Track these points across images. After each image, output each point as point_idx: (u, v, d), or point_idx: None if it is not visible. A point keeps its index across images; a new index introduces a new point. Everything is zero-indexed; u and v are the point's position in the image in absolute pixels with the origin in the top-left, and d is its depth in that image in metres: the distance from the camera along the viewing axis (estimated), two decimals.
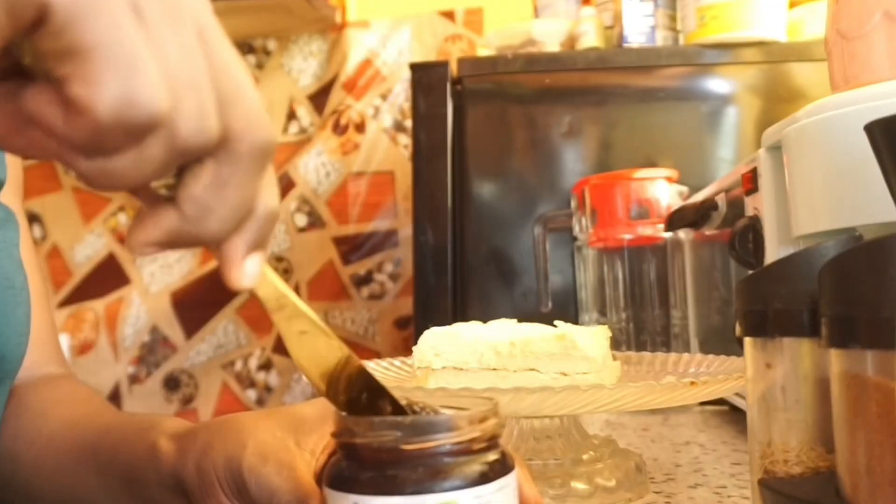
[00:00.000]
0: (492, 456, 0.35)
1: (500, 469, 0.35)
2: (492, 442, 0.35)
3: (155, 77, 0.26)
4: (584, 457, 0.59)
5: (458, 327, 0.64)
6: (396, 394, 0.38)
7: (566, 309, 1.27)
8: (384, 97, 1.93)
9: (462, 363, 0.61)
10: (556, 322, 0.63)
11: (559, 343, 0.59)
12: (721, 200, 0.83)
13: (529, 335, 0.61)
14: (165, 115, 0.27)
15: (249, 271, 0.33)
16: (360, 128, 1.93)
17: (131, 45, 0.26)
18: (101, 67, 0.25)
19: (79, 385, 0.65)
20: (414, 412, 0.37)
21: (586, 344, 0.59)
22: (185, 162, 0.29)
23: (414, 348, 0.64)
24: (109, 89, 0.25)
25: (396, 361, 0.73)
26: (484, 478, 0.34)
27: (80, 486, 0.54)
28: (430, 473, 0.33)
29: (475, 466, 0.34)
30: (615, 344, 1.05)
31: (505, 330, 0.64)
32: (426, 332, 0.64)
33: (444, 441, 0.34)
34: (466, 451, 0.34)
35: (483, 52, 1.73)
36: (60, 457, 0.56)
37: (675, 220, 0.90)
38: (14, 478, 0.58)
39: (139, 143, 0.27)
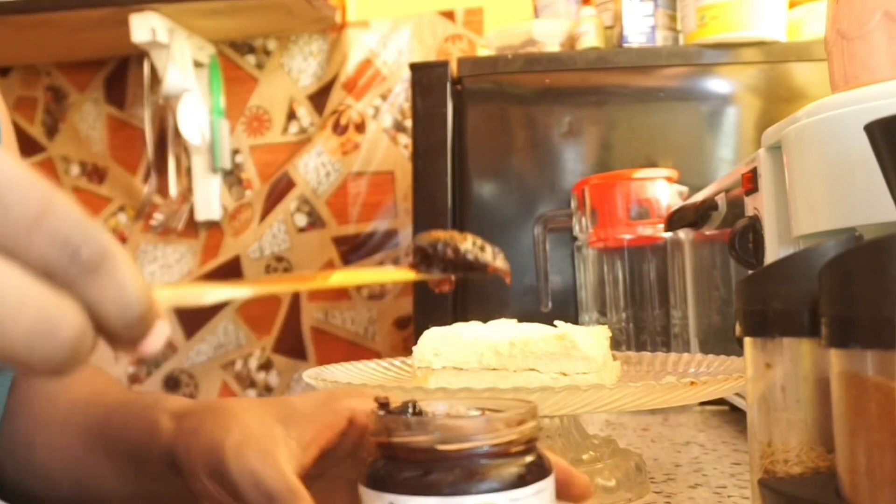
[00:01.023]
0: (529, 458, 0.35)
1: (537, 472, 0.35)
2: (529, 445, 0.35)
3: None
4: (584, 457, 0.59)
5: (458, 327, 0.64)
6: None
7: (566, 309, 1.27)
8: (384, 97, 1.93)
9: (462, 363, 0.61)
10: (556, 322, 0.63)
11: (559, 343, 0.59)
12: (721, 200, 0.83)
13: (529, 335, 0.61)
14: None
15: (151, 346, 0.28)
16: (360, 128, 1.93)
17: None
18: None
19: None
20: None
21: (586, 344, 0.59)
22: None
23: (414, 348, 0.64)
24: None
25: (396, 361, 0.73)
26: (521, 480, 0.34)
27: (91, 465, 0.55)
28: (466, 475, 0.33)
29: (512, 469, 0.34)
30: (615, 344, 1.05)
31: (505, 330, 0.64)
32: (426, 332, 0.64)
33: (481, 443, 0.34)
34: (504, 453, 0.34)
35: (483, 52, 1.72)
36: (72, 439, 0.56)
37: (675, 220, 0.90)
38: (30, 462, 0.59)
39: None
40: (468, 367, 0.61)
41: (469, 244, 0.37)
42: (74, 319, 0.24)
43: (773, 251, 0.64)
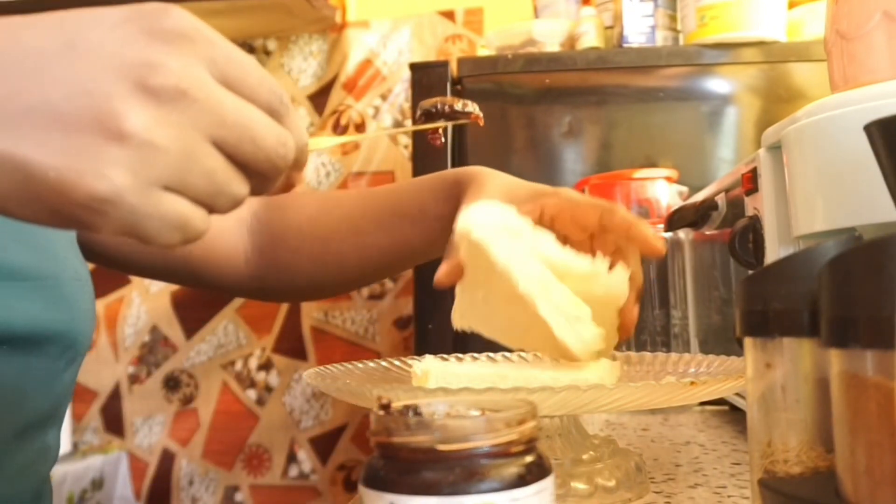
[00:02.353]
0: (529, 458, 0.35)
1: (537, 472, 0.35)
2: (529, 445, 0.35)
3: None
4: (584, 457, 0.59)
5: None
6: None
7: None
8: (384, 97, 1.93)
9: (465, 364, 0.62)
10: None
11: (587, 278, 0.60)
12: (721, 200, 0.83)
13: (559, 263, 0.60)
14: None
15: (304, 176, 0.46)
16: (361, 128, 1.93)
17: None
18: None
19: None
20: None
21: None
22: None
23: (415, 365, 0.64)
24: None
25: (396, 361, 0.73)
26: (521, 480, 0.34)
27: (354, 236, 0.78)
28: (466, 475, 0.33)
29: (512, 469, 0.34)
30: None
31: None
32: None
33: (481, 443, 0.34)
34: (504, 453, 0.34)
35: (483, 52, 1.73)
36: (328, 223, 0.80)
37: (675, 220, 0.90)
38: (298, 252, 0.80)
39: None
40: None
41: (459, 104, 0.54)
42: (290, 139, 0.40)
43: (773, 251, 0.64)
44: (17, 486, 0.65)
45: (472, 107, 0.55)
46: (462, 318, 0.63)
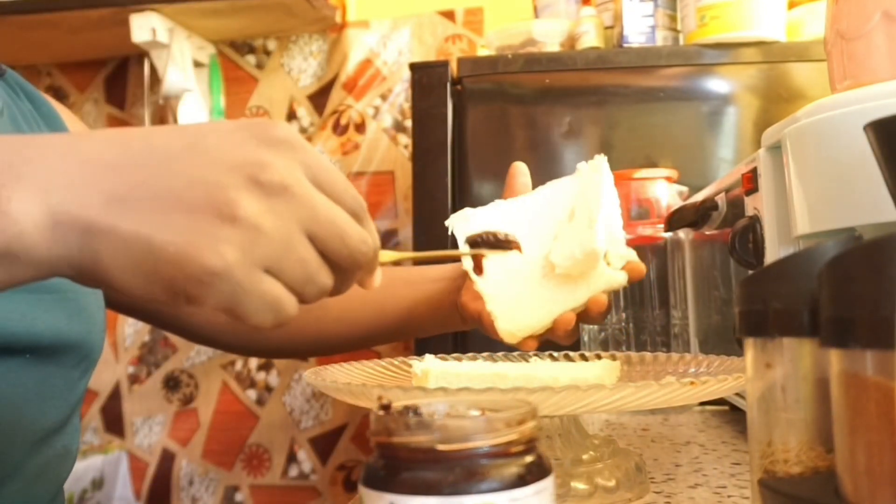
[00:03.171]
0: (529, 458, 0.35)
1: (537, 472, 0.35)
2: (529, 445, 0.35)
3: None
4: (584, 457, 0.59)
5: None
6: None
7: None
8: (384, 97, 1.93)
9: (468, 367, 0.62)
10: None
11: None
12: (721, 200, 0.83)
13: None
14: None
15: (377, 280, 0.50)
16: (360, 128, 1.93)
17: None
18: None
19: None
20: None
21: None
22: None
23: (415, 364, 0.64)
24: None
25: (396, 361, 0.73)
26: (521, 480, 0.34)
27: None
28: (466, 475, 0.33)
29: (512, 469, 0.34)
30: (615, 344, 1.05)
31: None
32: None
33: (481, 443, 0.34)
34: (504, 453, 0.34)
35: (483, 52, 1.73)
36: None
37: (675, 220, 0.90)
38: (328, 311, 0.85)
39: None
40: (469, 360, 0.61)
41: (502, 234, 0.64)
42: (370, 239, 0.45)
43: (773, 251, 0.64)
44: (37, 489, 0.68)
45: (512, 237, 0.65)
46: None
